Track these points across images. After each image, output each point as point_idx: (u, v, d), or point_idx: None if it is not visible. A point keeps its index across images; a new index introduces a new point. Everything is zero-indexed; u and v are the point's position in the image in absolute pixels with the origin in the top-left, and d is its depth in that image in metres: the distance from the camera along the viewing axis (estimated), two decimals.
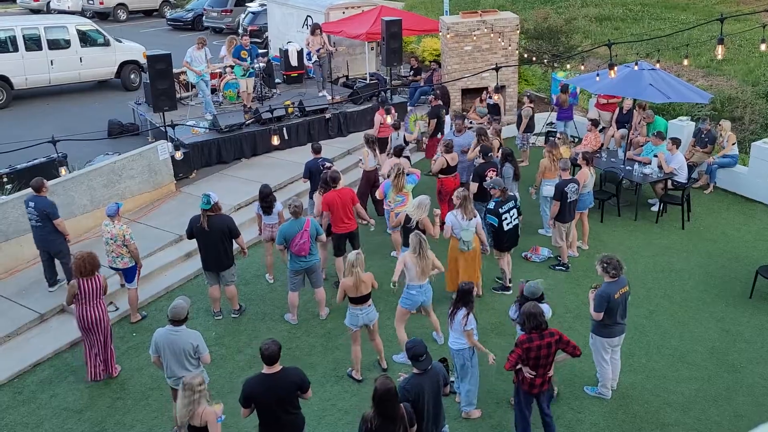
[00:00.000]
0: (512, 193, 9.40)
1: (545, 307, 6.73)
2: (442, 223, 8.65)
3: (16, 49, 16.46)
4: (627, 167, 11.54)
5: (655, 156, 11.43)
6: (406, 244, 8.48)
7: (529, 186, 10.95)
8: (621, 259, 6.93)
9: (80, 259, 7.36)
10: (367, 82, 15.53)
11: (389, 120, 10.87)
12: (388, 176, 9.61)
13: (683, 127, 12.83)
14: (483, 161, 10.03)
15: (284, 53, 15.68)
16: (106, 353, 7.68)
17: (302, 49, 15.57)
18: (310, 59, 15.31)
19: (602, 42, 17.71)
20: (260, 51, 15.09)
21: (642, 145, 12.22)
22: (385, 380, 5.14)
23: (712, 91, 14.06)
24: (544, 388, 6.28)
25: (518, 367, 6.14)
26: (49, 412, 7.33)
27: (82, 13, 27.73)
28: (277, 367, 5.67)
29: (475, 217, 8.52)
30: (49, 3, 29.34)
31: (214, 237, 8.28)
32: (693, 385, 7.50)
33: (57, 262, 9.05)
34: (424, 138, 13.32)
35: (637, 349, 8.08)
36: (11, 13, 28.31)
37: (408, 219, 8.59)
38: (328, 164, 9.87)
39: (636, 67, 10.72)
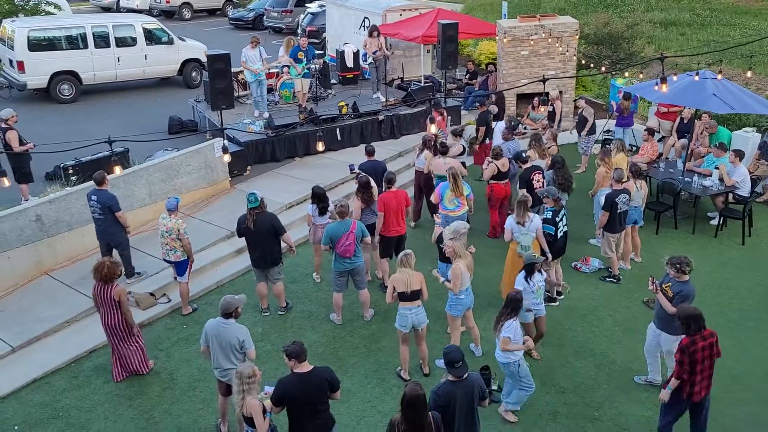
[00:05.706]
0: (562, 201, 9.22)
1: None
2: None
3: (86, 46, 17.19)
4: (686, 179, 11.18)
5: (717, 168, 11.04)
6: (440, 259, 8.38)
7: (588, 191, 10.82)
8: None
9: (101, 263, 7.42)
10: (422, 85, 15.54)
11: (433, 129, 10.59)
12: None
13: (748, 139, 12.31)
14: (525, 166, 9.95)
15: (340, 54, 15.83)
16: (122, 358, 7.74)
17: (358, 51, 15.69)
18: (366, 61, 15.42)
19: (666, 49, 17.20)
20: (317, 52, 15.28)
21: (703, 156, 11.80)
22: (415, 386, 5.14)
23: None
24: (702, 394, 6.25)
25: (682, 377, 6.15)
26: (102, 397, 7.62)
27: (149, 11, 28.73)
28: (308, 366, 5.76)
29: (531, 221, 8.40)
30: (119, 1, 30.50)
31: (260, 235, 8.45)
32: (747, 408, 7.21)
33: (116, 253, 9.37)
34: (474, 145, 13.18)
35: None
36: (83, 10, 29.52)
37: (441, 238, 8.35)
38: (355, 171, 9.95)
39: (697, 78, 10.37)
